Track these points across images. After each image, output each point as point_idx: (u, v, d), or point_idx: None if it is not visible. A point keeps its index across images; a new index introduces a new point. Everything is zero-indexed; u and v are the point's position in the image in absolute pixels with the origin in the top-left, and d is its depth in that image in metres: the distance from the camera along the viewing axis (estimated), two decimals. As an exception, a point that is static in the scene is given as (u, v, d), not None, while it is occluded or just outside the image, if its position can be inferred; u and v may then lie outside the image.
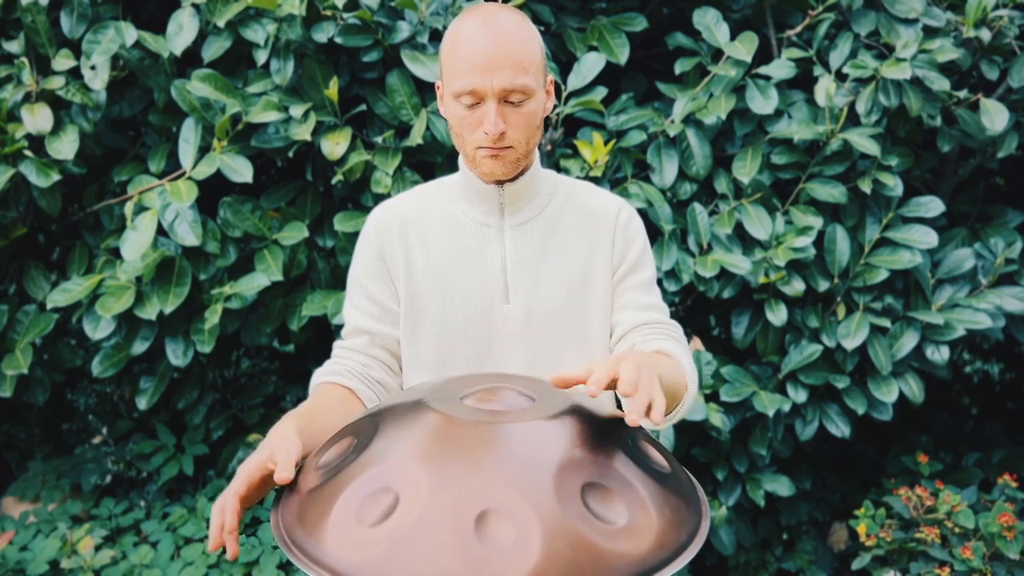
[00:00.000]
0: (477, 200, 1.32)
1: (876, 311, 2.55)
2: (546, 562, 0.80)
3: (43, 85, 2.29)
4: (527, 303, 1.30)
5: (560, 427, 0.94)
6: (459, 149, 1.28)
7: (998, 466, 2.97)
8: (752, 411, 2.54)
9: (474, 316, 1.30)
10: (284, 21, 2.27)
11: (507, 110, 1.20)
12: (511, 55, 1.17)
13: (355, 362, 1.32)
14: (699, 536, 0.93)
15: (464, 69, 1.18)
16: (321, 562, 0.85)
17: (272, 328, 2.46)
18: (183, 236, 2.27)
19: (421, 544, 0.81)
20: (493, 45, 1.17)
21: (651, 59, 2.81)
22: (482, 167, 1.25)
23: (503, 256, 1.31)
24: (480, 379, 1.08)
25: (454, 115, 1.23)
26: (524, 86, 1.19)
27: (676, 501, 0.94)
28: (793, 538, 2.90)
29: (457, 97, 1.20)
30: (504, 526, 0.82)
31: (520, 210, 1.32)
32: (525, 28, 1.22)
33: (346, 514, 0.87)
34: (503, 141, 1.21)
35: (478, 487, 0.85)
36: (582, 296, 1.33)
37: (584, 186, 1.41)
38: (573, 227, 1.34)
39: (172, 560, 2.46)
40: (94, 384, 3.19)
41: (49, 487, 2.80)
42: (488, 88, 1.17)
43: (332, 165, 2.37)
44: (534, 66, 1.20)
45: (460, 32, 1.21)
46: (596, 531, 0.84)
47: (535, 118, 1.24)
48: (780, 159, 2.51)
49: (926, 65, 2.45)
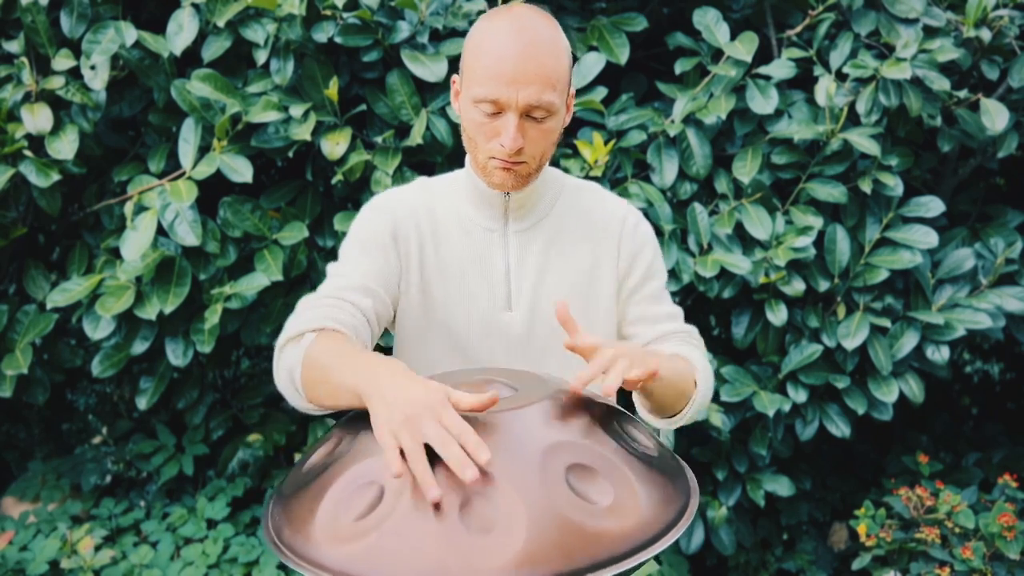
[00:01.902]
0: (481, 204, 1.28)
1: (876, 311, 2.55)
2: (532, 545, 0.80)
3: (43, 85, 2.29)
4: (530, 311, 1.28)
5: (543, 413, 0.94)
6: (470, 153, 1.23)
7: (998, 466, 2.97)
8: (752, 411, 2.54)
9: (477, 322, 1.27)
10: (284, 21, 2.27)
11: (527, 125, 1.14)
12: (540, 70, 1.11)
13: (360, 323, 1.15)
14: (687, 514, 0.93)
15: (489, 77, 1.11)
16: (310, 559, 0.85)
17: (272, 328, 2.46)
18: (183, 236, 2.27)
19: (408, 535, 0.81)
20: (523, 57, 1.10)
21: (651, 59, 2.81)
22: (492, 177, 1.20)
23: (506, 262, 1.28)
24: (463, 373, 1.09)
25: (471, 120, 1.17)
26: (549, 103, 1.13)
27: (662, 480, 0.94)
28: (793, 538, 2.90)
29: (477, 103, 1.14)
30: (489, 512, 0.83)
31: (524, 216, 1.29)
32: (559, 40, 1.15)
33: (333, 510, 0.87)
34: (519, 156, 1.16)
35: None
36: (585, 303, 1.30)
37: (590, 188, 1.37)
38: (577, 232, 1.31)
39: (172, 560, 2.46)
40: (94, 384, 3.19)
41: (49, 487, 2.80)
42: (512, 101, 1.11)
43: (332, 165, 2.37)
44: (562, 82, 1.15)
45: (490, 35, 1.13)
46: (582, 511, 0.85)
47: (554, 135, 1.19)
48: (780, 159, 2.51)
49: (926, 65, 2.45)
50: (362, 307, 1.16)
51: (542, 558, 0.80)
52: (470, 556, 0.79)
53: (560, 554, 0.81)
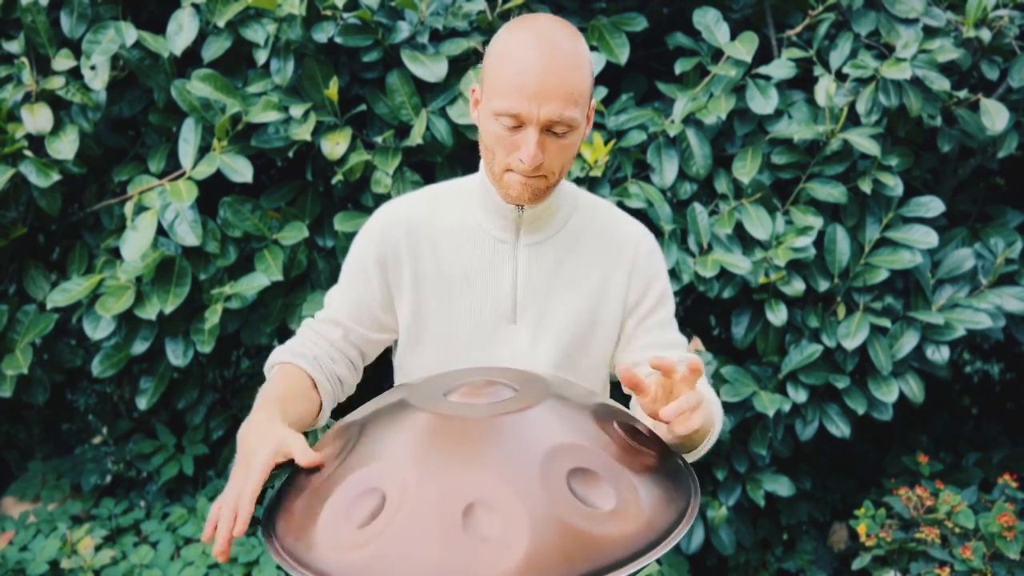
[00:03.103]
0: (494, 214, 1.26)
1: (876, 311, 2.55)
2: (535, 550, 0.80)
3: (43, 85, 2.29)
4: (534, 325, 1.26)
5: (543, 415, 0.94)
6: (486, 163, 1.21)
7: (998, 466, 2.97)
8: (752, 411, 2.54)
9: (479, 333, 1.26)
10: (284, 21, 2.27)
11: (547, 140, 1.12)
12: (564, 85, 1.09)
13: (324, 352, 1.26)
14: (689, 515, 0.93)
15: (510, 90, 1.09)
16: (312, 566, 0.85)
17: (272, 328, 2.46)
18: (183, 236, 2.27)
19: (410, 541, 0.81)
20: (546, 71, 1.08)
21: (651, 59, 2.81)
22: (508, 189, 1.18)
23: (514, 275, 1.26)
24: (462, 375, 1.08)
25: (490, 132, 1.15)
26: (571, 119, 1.11)
27: (664, 481, 0.94)
28: (793, 538, 2.90)
29: (497, 116, 1.12)
30: (491, 517, 0.82)
31: (537, 229, 1.26)
32: (581, 54, 1.13)
33: (335, 517, 0.87)
34: (537, 171, 1.15)
35: (463, 481, 0.85)
36: (590, 324, 1.28)
37: (605, 207, 1.35)
38: (590, 251, 1.29)
39: (172, 560, 2.46)
40: (94, 384, 3.19)
41: (49, 487, 2.80)
42: (534, 116, 1.09)
43: (332, 165, 2.37)
44: (584, 97, 1.12)
45: (513, 47, 1.11)
46: (583, 516, 0.84)
47: (574, 149, 1.17)
48: (780, 159, 2.51)
49: (926, 65, 2.45)
50: (330, 338, 1.29)
51: (544, 564, 0.80)
52: (472, 563, 0.79)
53: (562, 559, 0.80)
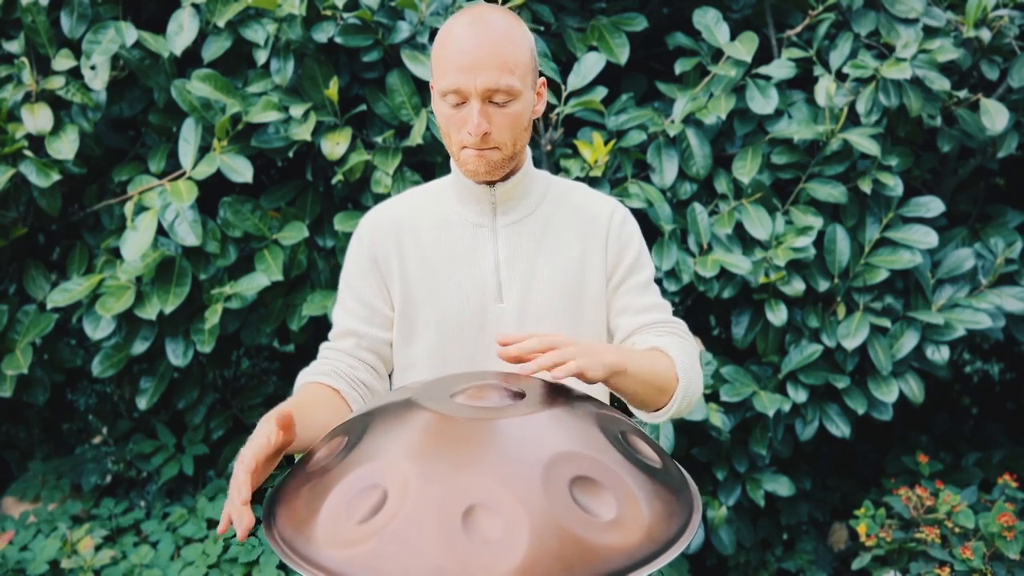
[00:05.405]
0: (469, 200, 1.32)
1: (876, 311, 2.55)
2: (533, 556, 0.80)
3: (43, 85, 2.29)
4: (521, 302, 1.31)
5: (548, 422, 0.94)
6: (447, 146, 1.29)
7: (998, 466, 2.97)
8: (752, 411, 2.54)
9: (468, 316, 1.30)
10: (284, 21, 2.27)
11: (492, 110, 1.20)
12: (497, 55, 1.17)
13: (342, 363, 1.33)
14: (689, 529, 0.93)
15: (450, 68, 1.18)
16: (311, 559, 0.85)
17: (272, 328, 2.46)
18: (183, 236, 2.27)
19: (409, 540, 0.81)
20: (479, 45, 1.17)
21: (651, 59, 2.81)
22: (466, 165, 1.25)
23: (496, 255, 1.31)
24: (470, 377, 1.09)
25: (441, 114, 1.23)
26: (509, 87, 1.18)
27: (666, 494, 0.94)
28: (793, 538, 2.90)
29: (443, 96, 1.20)
30: (491, 521, 0.82)
31: (512, 209, 1.32)
32: (515, 29, 1.22)
33: (335, 511, 0.87)
34: (488, 142, 1.21)
35: (465, 482, 0.85)
36: (576, 297, 1.33)
37: (578, 187, 1.41)
38: (566, 228, 1.34)
39: (172, 560, 2.46)
40: (94, 384, 3.19)
41: (49, 487, 2.80)
42: (472, 88, 1.17)
43: (332, 165, 2.37)
44: (521, 67, 1.20)
45: (449, 31, 1.21)
46: (584, 524, 0.84)
47: (521, 119, 1.23)
48: (780, 159, 2.51)
49: (926, 65, 2.45)
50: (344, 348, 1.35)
51: (542, 570, 0.79)
52: (470, 565, 0.79)
53: (561, 567, 0.80)
